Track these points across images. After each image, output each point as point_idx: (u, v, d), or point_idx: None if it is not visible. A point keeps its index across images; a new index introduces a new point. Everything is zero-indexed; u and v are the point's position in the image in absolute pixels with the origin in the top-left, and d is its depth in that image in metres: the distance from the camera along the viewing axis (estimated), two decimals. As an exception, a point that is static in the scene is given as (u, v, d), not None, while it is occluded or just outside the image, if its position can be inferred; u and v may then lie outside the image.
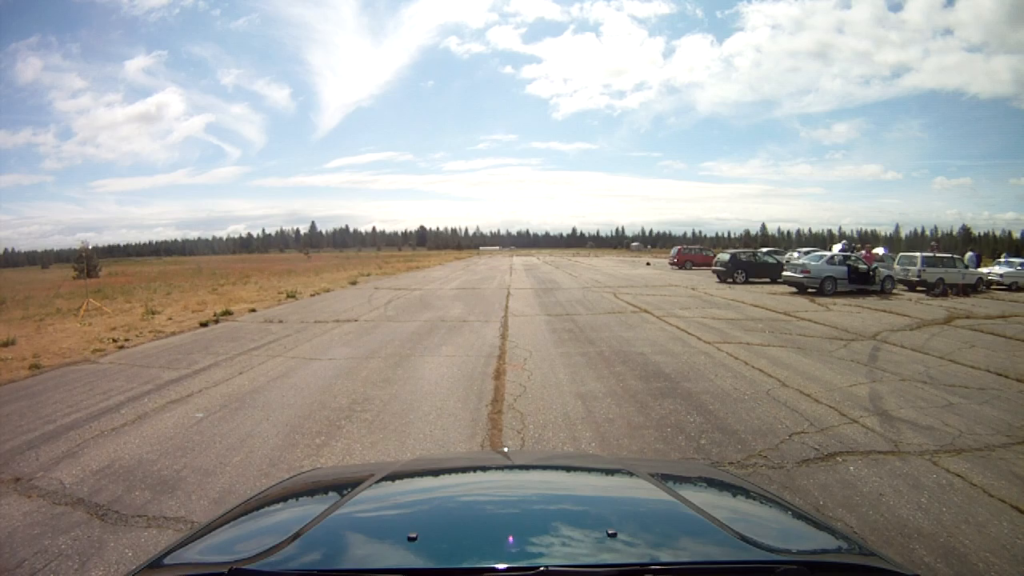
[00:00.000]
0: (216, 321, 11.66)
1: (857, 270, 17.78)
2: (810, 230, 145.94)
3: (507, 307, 12.94)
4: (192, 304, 15.14)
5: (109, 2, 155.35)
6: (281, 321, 11.25)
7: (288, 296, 16.15)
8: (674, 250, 36.42)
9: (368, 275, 27.14)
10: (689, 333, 9.46)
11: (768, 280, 21.89)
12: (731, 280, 21.99)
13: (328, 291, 18.18)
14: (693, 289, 18.73)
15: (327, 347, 8.27)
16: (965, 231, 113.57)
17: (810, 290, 17.31)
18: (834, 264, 17.90)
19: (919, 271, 18.65)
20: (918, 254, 19.58)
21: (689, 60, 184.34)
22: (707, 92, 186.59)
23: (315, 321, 11.07)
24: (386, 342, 8.57)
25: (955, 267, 18.90)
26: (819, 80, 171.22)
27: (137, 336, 10.25)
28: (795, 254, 27.38)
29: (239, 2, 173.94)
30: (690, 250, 35.81)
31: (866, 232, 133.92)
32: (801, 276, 17.90)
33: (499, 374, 6.42)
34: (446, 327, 9.99)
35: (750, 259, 23.29)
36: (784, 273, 19.27)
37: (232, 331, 10.32)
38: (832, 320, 11.48)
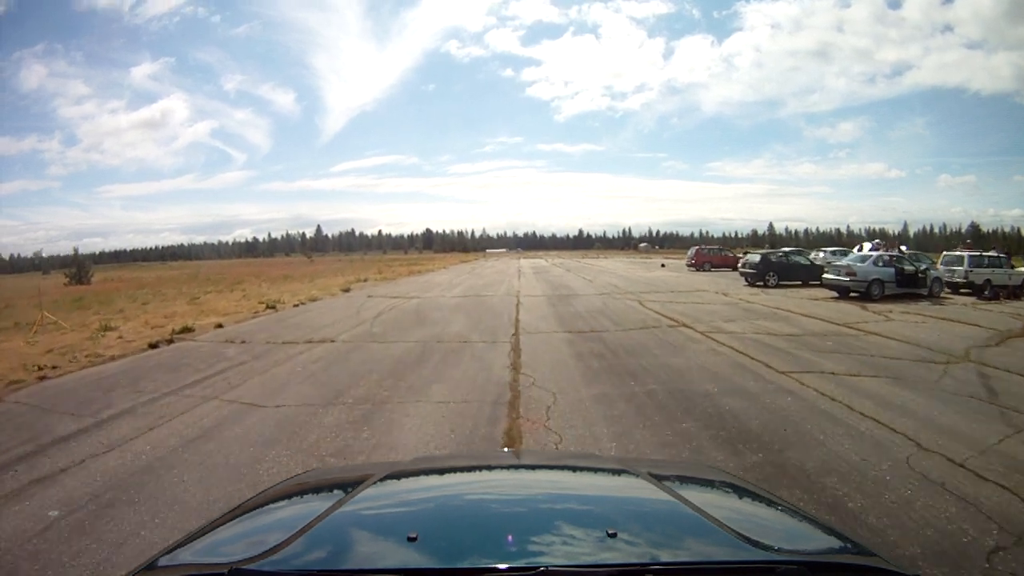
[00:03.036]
0: (170, 341, 9.76)
1: (903, 272, 15.89)
2: (818, 229, 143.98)
3: (517, 320, 10.93)
4: (157, 318, 13.29)
5: (112, 10, 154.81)
6: (244, 341, 9.32)
7: (268, 307, 14.23)
8: (692, 251, 34.24)
9: (365, 280, 25.19)
10: (752, 357, 7.43)
11: (799, 283, 19.96)
12: (762, 283, 19.98)
13: (315, 300, 16.24)
14: (725, 295, 16.68)
15: (281, 385, 6.28)
16: (974, 228, 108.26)
17: (853, 294, 15.52)
18: (880, 266, 16.00)
19: (965, 272, 17.03)
20: (964, 253, 18.02)
21: (689, 61, 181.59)
22: (710, 93, 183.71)
23: (284, 342, 9.11)
24: (360, 376, 6.56)
25: (1001, 267, 17.30)
26: (822, 79, 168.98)
27: (70, 362, 8.45)
28: (820, 254, 25.51)
29: (241, 8, 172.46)
30: (709, 251, 33.65)
31: (874, 230, 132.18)
32: (846, 279, 16.04)
33: (511, 438, 4.39)
34: (442, 351, 7.99)
35: (782, 260, 21.24)
36: (825, 276, 17.40)
37: (179, 356, 8.41)
38: (902, 333, 9.61)
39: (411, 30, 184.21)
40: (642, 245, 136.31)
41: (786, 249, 26.58)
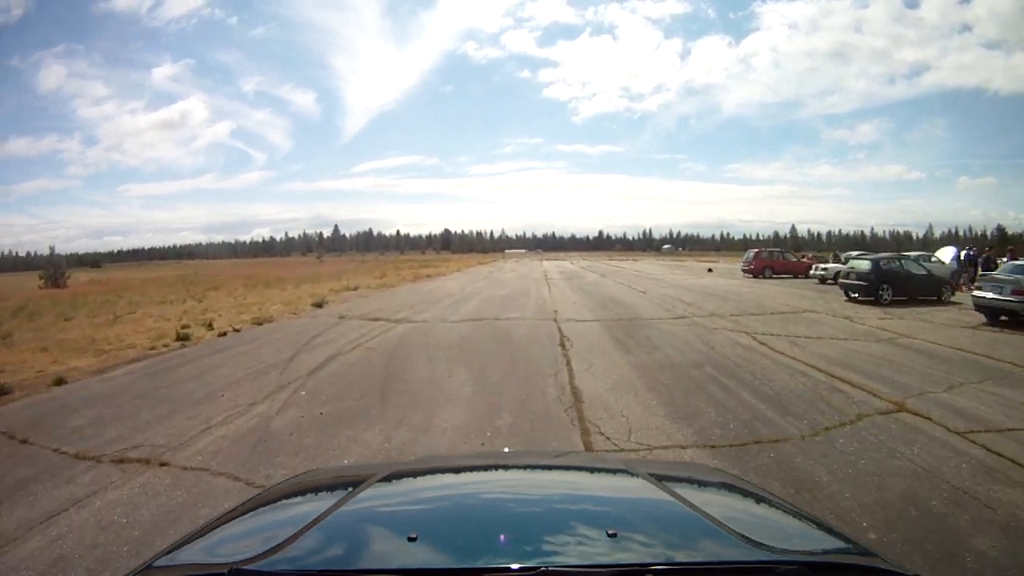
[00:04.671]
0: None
1: None
2: (840, 231, 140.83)
3: (575, 392, 5.80)
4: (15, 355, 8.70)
5: (130, 13, 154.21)
6: (19, 438, 4.50)
7: (180, 338, 9.45)
8: (749, 254, 28.66)
9: (355, 289, 20.24)
10: None
11: (904, 297, 14.73)
12: (872, 299, 14.78)
13: (262, 323, 11.29)
14: (848, 319, 11.57)
15: None
16: (1000, 232, 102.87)
17: (1004, 318, 11.14)
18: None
19: None
20: None
21: (707, 62, 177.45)
22: (728, 94, 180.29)
23: (78, 456, 4.22)
24: None
25: None
26: (840, 80, 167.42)
27: None
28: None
29: (259, 9, 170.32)
30: (770, 254, 28.10)
31: (898, 233, 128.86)
32: (1011, 299, 11.09)
33: None
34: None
35: (896, 269, 15.87)
36: (977, 294, 12.18)
37: None
38: None
39: (429, 31, 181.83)
40: (665, 247, 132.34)
41: (876, 254, 21.48)
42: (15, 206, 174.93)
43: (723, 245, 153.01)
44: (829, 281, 22.78)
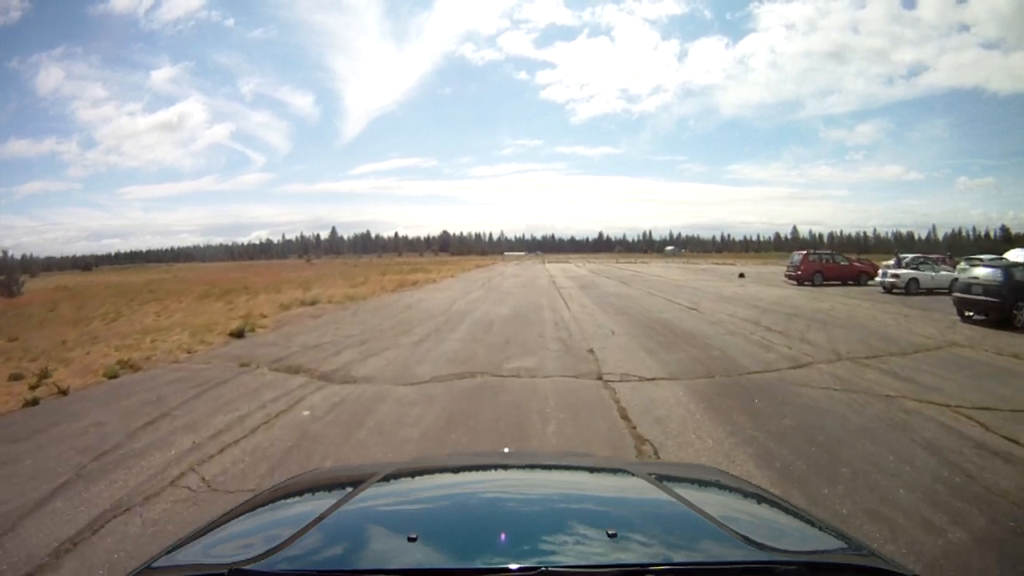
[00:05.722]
0: None
1: None
2: (841, 232, 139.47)
3: None
4: None
5: (128, 15, 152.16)
6: None
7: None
8: (796, 256, 24.40)
9: (312, 304, 15.72)
10: None
11: None
12: (1004, 320, 10.88)
13: (116, 376, 6.87)
14: (1016, 356, 7.49)
15: None
16: (1004, 231, 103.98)
17: None
18: None
19: None
20: None
21: (704, 63, 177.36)
22: (727, 95, 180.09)
23: None
24: None
25: None
26: (839, 81, 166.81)
27: None
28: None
29: (257, 11, 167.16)
30: (819, 257, 23.90)
31: (900, 234, 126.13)
32: None
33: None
34: None
35: (1024, 277, 11.76)
36: None
37: None
38: None
39: (427, 33, 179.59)
40: (668, 248, 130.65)
41: (998, 259, 17.45)
42: (15, 208, 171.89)
43: (724, 246, 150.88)
44: (898, 290, 18.81)
